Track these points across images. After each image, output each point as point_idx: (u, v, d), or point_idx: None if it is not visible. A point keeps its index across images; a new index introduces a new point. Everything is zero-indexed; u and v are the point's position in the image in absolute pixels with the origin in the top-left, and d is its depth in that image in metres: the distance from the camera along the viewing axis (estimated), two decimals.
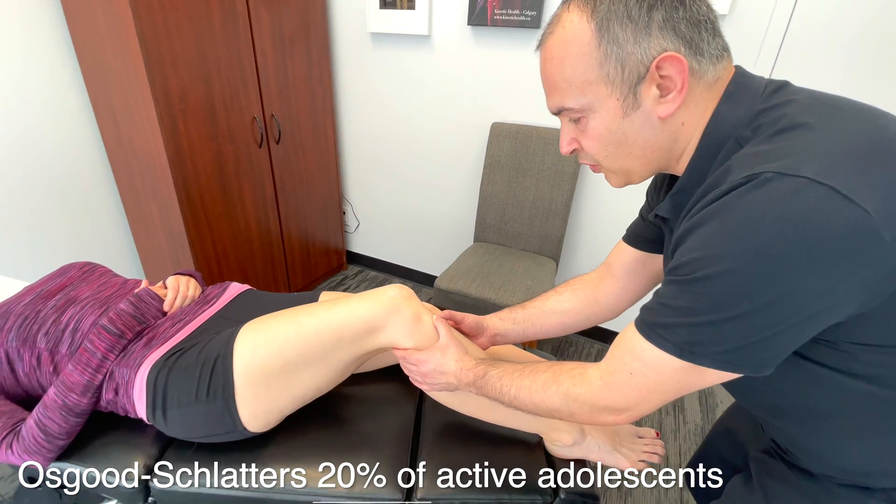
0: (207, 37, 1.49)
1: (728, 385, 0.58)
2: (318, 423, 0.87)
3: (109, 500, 0.82)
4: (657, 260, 0.72)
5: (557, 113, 0.54)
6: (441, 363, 0.75)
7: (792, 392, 0.51)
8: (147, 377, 0.77)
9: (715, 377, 0.46)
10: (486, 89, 1.81)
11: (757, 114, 0.46)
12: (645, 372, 0.50)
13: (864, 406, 0.47)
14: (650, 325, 0.49)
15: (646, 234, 0.71)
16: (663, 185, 0.64)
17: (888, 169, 0.38)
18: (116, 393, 0.79)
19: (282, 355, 0.75)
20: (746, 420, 0.77)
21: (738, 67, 0.50)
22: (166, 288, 0.94)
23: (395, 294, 0.78)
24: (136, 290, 0.88)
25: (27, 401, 0.83)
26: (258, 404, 0.76)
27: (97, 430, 0.82)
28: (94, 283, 0.93)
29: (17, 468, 0.76)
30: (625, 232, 0.77)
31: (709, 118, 0.49)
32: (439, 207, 2.18)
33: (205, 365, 0.76)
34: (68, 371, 0.76)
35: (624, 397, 0.53)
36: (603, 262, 0.82)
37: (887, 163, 0.39)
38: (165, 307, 0.90)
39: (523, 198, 1.78)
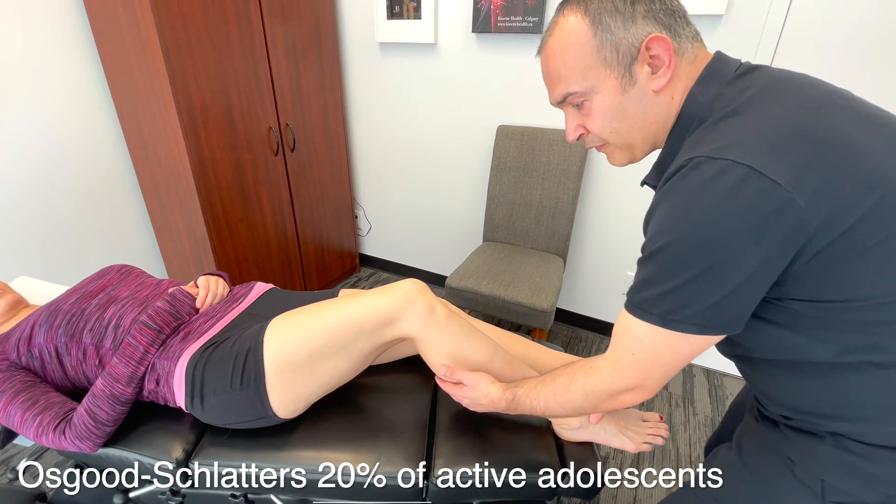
0: (226, 52, 1.57)
1: None
2: (341, 412, 0.93)
3: (152, 482, 0.88)
4: None
5: (562, 101, 0.60)
6: (489, 389, 0.80)
7: (751, 345, 0.58)
8: (186, 368, 0.83)
9: (701, 342, 0.53)
10: (492, 93, 1.88)
11: (717, 98, 0.54)
12: (643, 349, 0.56)
13: (809, 355, 0.53)
14: (635, 304, 0.55)
15: None
16: None
17: (806, 148, 0.45)
18: (157, 383, 0.86)
19: (308, 346, 0.82)
20: (749, 393, 0.81)
21: (717, 52, 0.57)
22: (198, 287, 1.01)
23: (410, 288, 0.84)
24: (171, 290, 0.96)
25: (74, 393, 0.90)
26: (287, 391, 0.83)
27: (140, 419, 0.89)
28: (131, 283, 1.01)
29: (62, 460, 0.83)
30: None
31: (685, 97, 0.56)
32: (449, 209, 2.24)
33: (238, 356, 0.83)
34: (114, 363, 0.83)
35: (631, 376, 0.59)
36: None
37: (806, 142, 0.46)
38: (198, 304, 0.97)
39: (530, 197, 1.83)
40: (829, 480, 0.56)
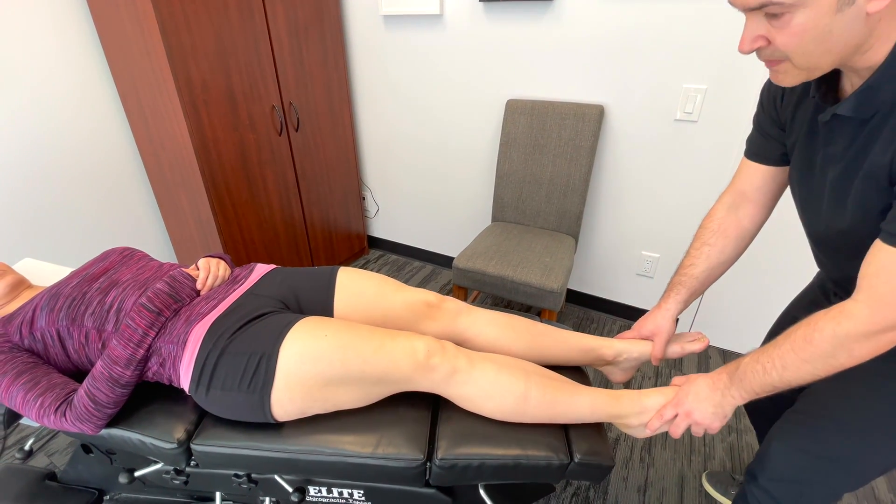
0: (225, 28, 1.53)
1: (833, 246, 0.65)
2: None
3: (156, 462, 0.89)
4: (784, 171, 0.77)
5: (756, 8, 0.51)
6: (695, 392, 0.74)
7: None
8: (198, 352, 0.83)
9: None
10: (500, 66, 1.80)
11: None
12: None
13: None
14: None
15: (773, 151, 0.75)
16: (805, 87, 0.65)
17: None
18: (163, 366, 0.85)
19: (322, 377, 0.81)
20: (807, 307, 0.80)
21: None
22: (199, 269, 0.99)
23: (434, 350, 0.84)
24: (171, 272, 0.94)
25: (77, 374, 0.90)
26: (291, 408, 0.82)
27: (143, 400, 0.89)
28: (133, 266, 1.00)
29: (72, 442, 0.83)
30: (746, 151, 0.80)
31: None
32: (457, 188, 2.19)
33: (251, 358, 0.81)
34: (113, 346, 0.82)
35: None
36: (728, 191, 0.84)
37: None
38: (198, 286, 0.95)
39: (540, 175, 1.77)
40: None
